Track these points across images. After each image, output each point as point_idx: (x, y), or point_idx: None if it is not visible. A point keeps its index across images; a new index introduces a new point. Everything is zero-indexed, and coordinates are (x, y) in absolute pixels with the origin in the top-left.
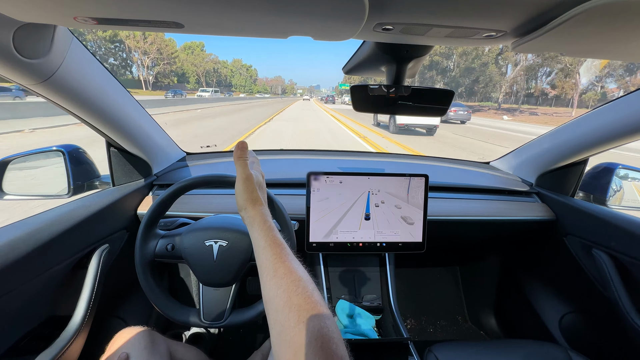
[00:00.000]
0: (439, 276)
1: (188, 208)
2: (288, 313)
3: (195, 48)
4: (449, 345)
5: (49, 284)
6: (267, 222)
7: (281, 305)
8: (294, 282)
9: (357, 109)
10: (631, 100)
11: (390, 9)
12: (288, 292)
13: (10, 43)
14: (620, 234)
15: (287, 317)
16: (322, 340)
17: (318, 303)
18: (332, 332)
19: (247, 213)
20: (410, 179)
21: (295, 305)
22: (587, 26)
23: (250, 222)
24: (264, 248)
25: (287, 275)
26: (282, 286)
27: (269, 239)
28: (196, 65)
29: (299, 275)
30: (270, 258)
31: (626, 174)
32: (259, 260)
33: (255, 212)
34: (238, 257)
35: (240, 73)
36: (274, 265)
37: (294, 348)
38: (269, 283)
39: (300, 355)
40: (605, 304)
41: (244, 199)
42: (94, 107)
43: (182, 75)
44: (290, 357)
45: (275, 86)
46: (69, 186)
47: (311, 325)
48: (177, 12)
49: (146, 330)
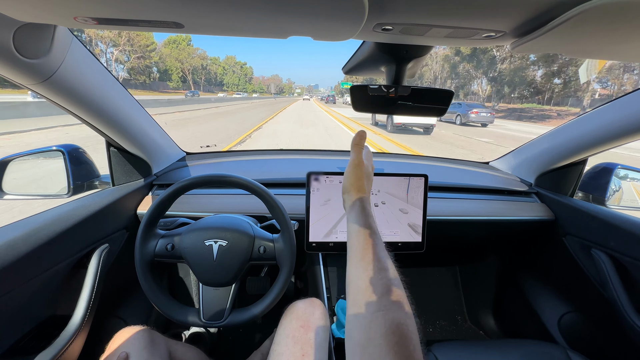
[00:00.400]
0: (438, 276)
1: (188, 208)
2: (369, 298)
3: (181, 42)
4: (449, 345)
5: (48, 284)
6: (366, 209)
7: (363, 288)
8: (380, 270)
9: (356, 109)
10: (630, 101)
11: (389, 9)
12: (372, 279)
13: (10, 43)
14: (619, 234)
15: (368, 302)
16: (400, 336)
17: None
18: (411, 332)
19: (350, 197)
20: (410, 179)
21: (379, 293)
22: (587, 26)
23: (351, 206)
24: (358, 231)
25: (375, 263)
26: (367, 270)
27: (365, 225)
28: (181, 62)
29: (386, 266)
30: (362, 242)
31: (625, 174)
32: (350, 242)
33: (357, 198)
34: (238, 257)
35: (233, 71)
36: (364, 249)
37: (369, 334)
38: (355, 265)
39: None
40: (604, 303)
41: (350, 183)
42: (93, 107)
43: (164, 72)
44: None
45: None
46: (68, 186)
47: (391, 317)
48: (177, 12)
49: (146, 329)
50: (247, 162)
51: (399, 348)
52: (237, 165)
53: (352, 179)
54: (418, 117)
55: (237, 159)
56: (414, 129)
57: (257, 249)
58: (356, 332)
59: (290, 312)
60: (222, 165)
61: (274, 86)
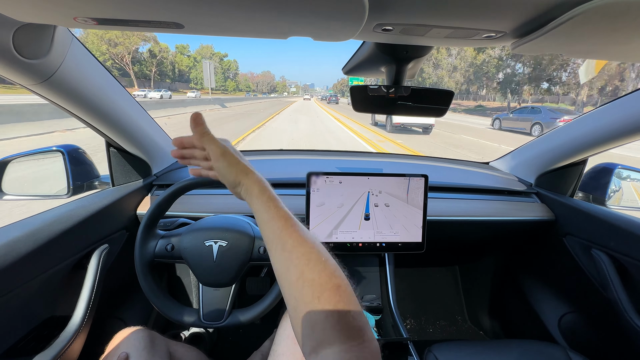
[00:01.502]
0: (438, 276)
1: (188, 208)
2: (302, 288)
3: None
4: (449, 345)
5: (48, 284)
6: (267, 190)
7: (294, 280)
8: (304, 254)
9: (356, 110)
10: (630, 101)
11: (390, 9)
12: (300, 267)
13: (10, 43)
14: (619, 234)
15: (302, 293)
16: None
17: (332, 274)
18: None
19: (243, 187)
20: (410, 179)
21: (309, 280)
22: (587, 27)
23: (249, 194)
24: (267, 221)
25: (297, 248)
26: (292, 260)
27: (271, 211)
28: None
29: (309, 246)
30: (276, 231)
31: (625, 175)
32: (264, 234)
33: (251, 182)
34: (238, 257)
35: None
36: (281, 238)
37: (311, 323)
38: (278, 257)
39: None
40: (604, 304)
41: (234, 174)
42: (93, 107)
43: None
44: (308, 331)
45: (261, 83)
46: (68, 186)
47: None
48: (177, 13)
49: (146, 330)
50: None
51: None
52: None
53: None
54: (418, 117)
55: None
56: (413, 129)
57: (257, 249)
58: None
59: None
60: None
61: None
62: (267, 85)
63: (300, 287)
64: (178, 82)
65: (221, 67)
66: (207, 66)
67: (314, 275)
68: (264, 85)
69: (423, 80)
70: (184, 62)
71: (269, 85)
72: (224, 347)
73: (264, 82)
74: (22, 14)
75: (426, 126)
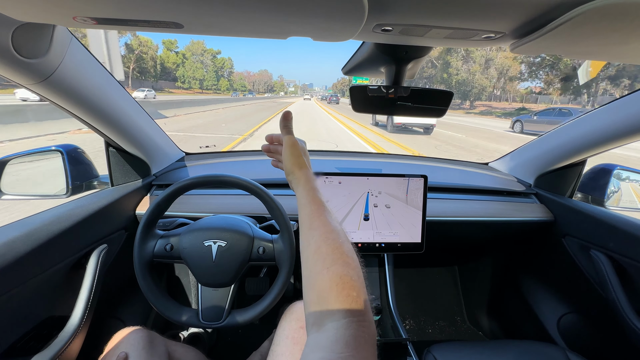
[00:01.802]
0: (437, 277)
1: (187, 208)
2: (316, 260)
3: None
4: (448, 346)
5: (47, 284)
6: (311, 182)
7: (311, 253)
8: (325, 233)
9: (356, 110)
10: (629, 102)
11: (389, 10)
12: (318, 242)
13: (9, 43)
14: (618, 235)
15: (315, 264)
16: (343, 285)
17: (345, 252)
18: (354, 279)
19: (294, 176)
20: (409, 180)
21: (323, 254)
22: (586, 28)
23: (297, 183)
24: (304, 205)
25: (321, 227)
26: (314, 237)
27: (309, 197)
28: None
29: (331, 228)
30: (309, 213)
31: (624, 175)
32: (300, 216)
33: (301, 173)
34: (237, 258)
35: (201, 61)
36: (310, 219)
37: (317, 291)
38: (304, 235)
39: (322, 297)
40: (603, 304)
41: (291, 163)
42: (92, 107)
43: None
44: (314, 299)
45: (258, 82)
46: (67, 186)
47: (333, 270)
48: (177, 12)
49: (145, 330)
50: (246, 163)
51: (342, 297)
52: (237, 165)
53: (292, 159)
54: (418, 117)
55: (236, 159)
56: (413, 129)
57: (256, 249)
58: (308, 293)
59: (289, 313)
60: (222, 165)
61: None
62: (264, 84)
63: (315, 259)
64: (164, 80)
65: (214, 65)
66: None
67: (328, 250)
68: (261, 85)
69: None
70: (170, 59)
71: (266, 84)
72: (223, 348)
73: (260, 82)
74: (22, 14)
75: (427, 126)
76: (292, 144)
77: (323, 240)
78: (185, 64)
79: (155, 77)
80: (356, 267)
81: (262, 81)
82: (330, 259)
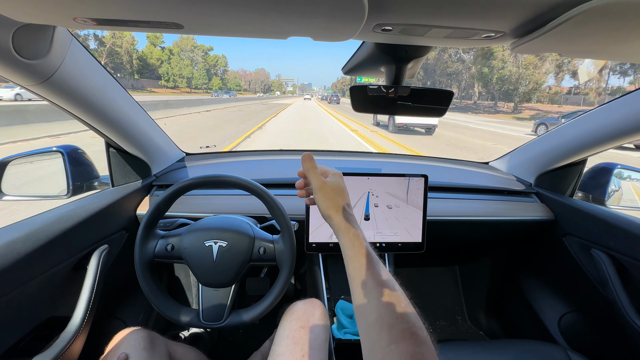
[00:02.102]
0: (438, 276)
1: (188, 208)
2: (380, 331)
3: None
4: (449, 345)
5: (48, 285)
6: (352, 229)
7: (372, 321)
8: (384, 296)
9: (356, 110)
10: (629, 101)
11: (389, 9)
12: (379, 308)
13: (9, 44)
14: (619, 234)
15: (379, 336)
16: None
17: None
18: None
19: (332, 221)
20: (410, 179)
21: (387, 325)
22: (586, 27)
23: (337, 230)
24: (351, 258)
25: (377, 289)
26: (372, 301)
27: (355, 248)
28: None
29: (389, 289)
30: (358, 268)
31: (625, 174)
32: (348, 269)
33: (339, 219)
34: (238, 258)
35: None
36: (362, 277)
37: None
38: (358, 295)
39: None
40: (604, 304)
41: (325, 208)
42: (93, 107)
43: None
44: None
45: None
46: (68, 187)
47: (404, 349)
48: (177, 13)
49: (145, 330)
50: (246, 163)
51: None
52: (237, 165)
53: (324, 203)
54: (418, 117)
55: (236, 159)
56: (415, 130)
57: (257, 249)
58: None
59: (290, 313)
60: (222, 165)
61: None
62: (260, 83)
63: (378, 330)
64: (147, 78)
65: (205, 62)
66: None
67: (393, 320)
68: (257, 84)
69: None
70: (154, 55)
71: (263, 83)
72: (224, 348)
73: (257, 80)
74: (22, 15)
75: (429, 127)
76: (320, 187)
77: (384, 308)
78: (170, 60)
79: (132, 74)
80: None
81: (259, 80)
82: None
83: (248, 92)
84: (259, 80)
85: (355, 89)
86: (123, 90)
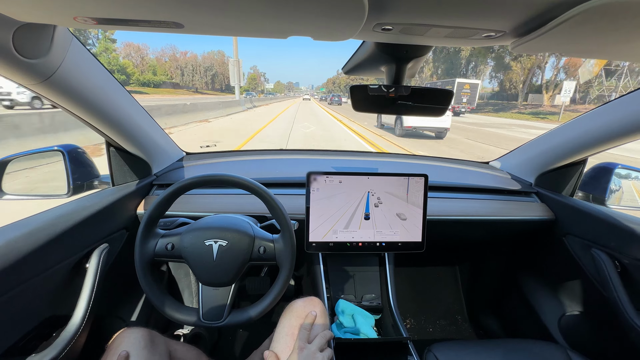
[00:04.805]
0: (438, 276)
1: (188, 208)
2: None
3: None
4: (449, 345)
5: (48, 284)
6: None
7: None
8: None
9: (356, 109)
10: (630, 101)
11: (389, 9)
12: None
13: (10, 43)
14: (619, 234)
15: None
16: None
17: None
18: None
19: None
20: (410, 179)
21: None
22: (586, 26)
23: None
24: None
25: None
26: None
27: None
28: None
29: None
30: None
31: (625, 174)
32: None
33: None
34: (238, 257)
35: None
36: None
37: None
38: None
39: None
40: (604, 303)
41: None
42: (93, 107)
43: None
44: None
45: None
46: (68, 186)
47: None
48: (177, 12)
49: (146, 329)
50: (247, 162)
51: None
52: (237, 165)
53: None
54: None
55: (237, 158)
56: (425, 133)
57: (257, 249)
58: None
59: (289, 311)
60: (222, 165)
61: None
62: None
63: None
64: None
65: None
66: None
67: None
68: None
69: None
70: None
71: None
72: (224, 347)
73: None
74: (22, 14)
75: (440, 130)
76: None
77: None
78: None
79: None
80: None
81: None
82: None
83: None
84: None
85: (356, 88)
86: (123, 90)
